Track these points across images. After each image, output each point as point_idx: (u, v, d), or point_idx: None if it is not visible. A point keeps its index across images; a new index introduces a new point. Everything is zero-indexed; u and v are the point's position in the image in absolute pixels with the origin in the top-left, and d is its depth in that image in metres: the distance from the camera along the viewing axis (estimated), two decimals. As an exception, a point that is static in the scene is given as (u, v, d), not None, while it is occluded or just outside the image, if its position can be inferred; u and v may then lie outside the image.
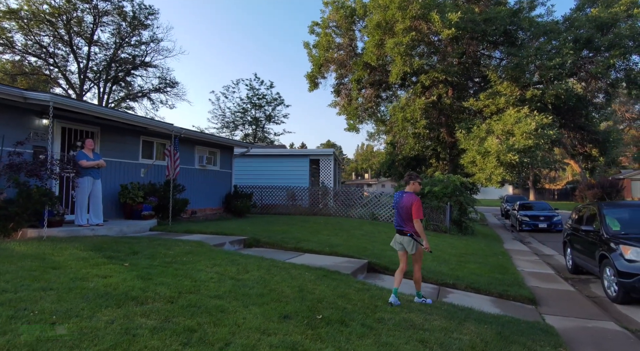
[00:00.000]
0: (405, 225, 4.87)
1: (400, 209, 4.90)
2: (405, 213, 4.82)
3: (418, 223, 4.77)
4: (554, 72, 15.20)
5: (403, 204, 4.84)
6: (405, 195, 4.90)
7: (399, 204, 4.92)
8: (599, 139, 17.43)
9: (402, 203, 4.85)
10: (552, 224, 18.15)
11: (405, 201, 4.83)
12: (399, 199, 4.94)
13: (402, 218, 4.90)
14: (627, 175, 50.49)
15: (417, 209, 4.73)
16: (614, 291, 6.36)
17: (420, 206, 4.79)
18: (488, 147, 14.72)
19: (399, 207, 4.92)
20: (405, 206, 4.81)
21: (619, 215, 7.25)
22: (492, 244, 12.57)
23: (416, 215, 4.73)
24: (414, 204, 4.73)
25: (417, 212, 4.73)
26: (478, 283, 6.50)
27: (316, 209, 15.89)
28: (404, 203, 4.84)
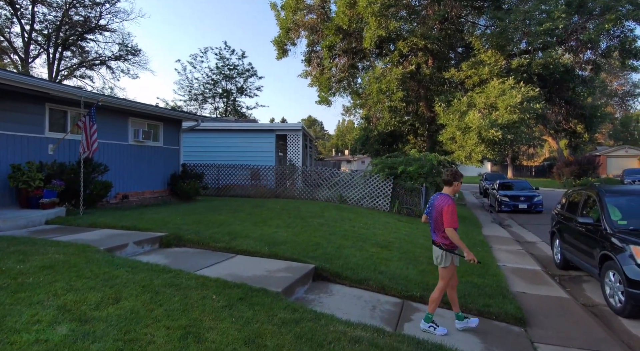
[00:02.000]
0: (436, 233, 4.08)
1: (432, 213, 4.09)
2: (436, 218, 4.01)
3: (451, 232, 3.87)
4: (543, 39, 13.70)
5: (435, 208, 4.04)
6: (440, 197, 4.08)
7: (432, 207, 4.12)
8: (586, 115, 16.28)
9: (434, 206, 4.06)
10: (532, 205, 17.18)
11: (437, 203, 4.02)
12: (433, 202, 4.14)
13: (434, 224, 4.08)
14: (603, 152, 50.85)
15: (449, 216, 3.85)
16: (618, 301, 5.09)
17: (453, 212, 3.90)
18: (469, 122, 13.29)
19: (431, 211, 4.12)
20: (437, 210, 3.99)
21: (624, 204, 5.92)
22: (470, 230, 11.32)
23: (447, 223, 3.86)
24: (444, 209, 3.88)
25: (449, 219, 3.86)
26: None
27: (281, 190, 14.29)
28: (435, 206, 4.04)
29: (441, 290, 4.14)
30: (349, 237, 7.70)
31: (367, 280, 5.24)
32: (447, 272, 4.11)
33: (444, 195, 4.08)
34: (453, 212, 3.89)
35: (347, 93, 22.35)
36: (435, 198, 4.16)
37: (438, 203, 4.02)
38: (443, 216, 3.90)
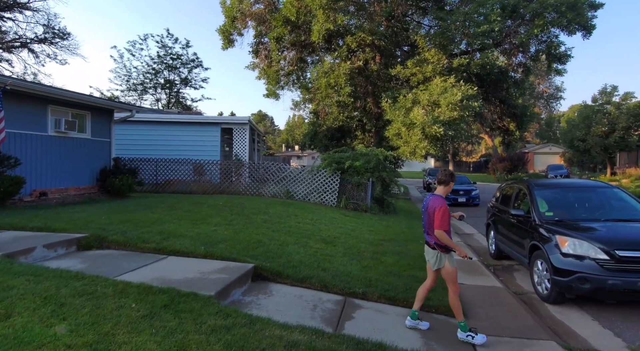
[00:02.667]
0: (429, 234, 4.02)
1: (425, 214, 4.04)
2: (429, 220, 3.96)
3: (440, 234, 3.83)
4: (481, 41, 14.38)
5: (427, 209, 4.00)
6: (432, 198, 4.02)
7: (426, 208, 4.06)
8: (517, 114, 17.43)
9: (427, 207, 4.01)
10: (470, 199, 18.15)
11: (430, 205, 3.97)
12: (426, 203, 4.10)
13: (427, 225, 4.04)
14: (531, 149, 55.43)
15: (440, 218, 3.80)
16: (545, 289, 5.37)
17: (444, 214, 3.84)
18: (413, 118, 13.62)
19: (425, 212, 4.07)
20: (429, 211, 3.94)
21: (552, 196, 6.29)
22: (413, 224, 11.62)
23: (438, 225, 3.82)
24: (436, 210, 3.84)
25: (440, 221, 3.81)
26: (394, 288, 5.06)
27: (226, 186, 13.69)
28: (428, 207, 3.99)
29: (456, 293, 3.97)
30: (294, 233, 7.47)
31: (309, 278, 5.05)
32: (451, 273, 3.97)
33: (437, 196, 4.02)
34: (444, 214, 3.84)
35: (297, 87, 22.06)
36: (428, 199, 4.08)
37: (431, 204, 3.96)
38: (434, 217, 3.84)
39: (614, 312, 4.91)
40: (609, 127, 32.65)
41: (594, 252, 4.74)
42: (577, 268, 4.78)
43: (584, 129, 34.27)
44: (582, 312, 4.97)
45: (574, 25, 14.51)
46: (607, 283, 4.55)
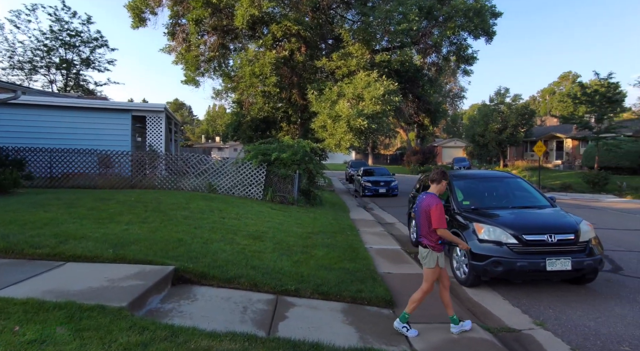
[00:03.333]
0: (423, 235, 3.92)
1: (419, 213, 3.93)
2: (424, 219, 3.86)
3: (443, 232, 3.81)
4: (401, 39, 15.05)
5: (422, 208, 3.89)
6: (426, 197, 3.93)
7: (420, 207, 3.94)
8: (432, 110, 18.73)
9: (421, 206, 3.90)
10: (390, 189, 19.11)
11: (424, 204, 3.88)
12: (420, 202, 3.98)
13: (419, 225, 3.94)
14: (440, 143, 60.62)
15: (438, 216, 3.75)
16: (463, 273, 5.75)
17: (441, 212, 3.79)
18: (339, 111, 13.77)
19: (418, 211, 3.96)
20: (424, 210, 3.85)
21: (467, 186, 6.76)
22: (339, 215, 11.79)
23: (436, 223, 3.76)
24: (432, 209, 3.78)
25: (438, 219, 3.75)
26: (327, 282, 4.96)
27: (139, 180, 12.39)
28: (423, 205, 3.89)
29: (424, 292, 3.96)
30: (218, 230, 6.98)
31: (238, 278, 4.70)
32: (432, 273, 3.92)
33: (431, 195, 3.94)
34: (441, 212, 3.77)
35: (218, 75, 20.91)
36: (421, 198, 3.99)
37: (425, 203, 3.87)
38: (431, 216, 3.78)
39: (520, 291, 5.44)
40: (502, 124, 37.04)
41: (505, 237, 5.17)
42: (491, 252, 5.17)
43: (483, 125, 38.38)
44: (494, 293, 5.41)
45: (479, 30, 15.95)
46: (516, 265, 4.99)
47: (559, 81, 77.61)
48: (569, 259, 4.92)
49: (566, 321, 4.41)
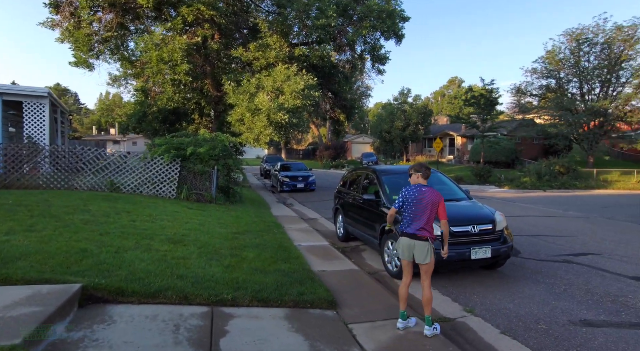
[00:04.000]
0: (425, 227, 3.94)
1: (422, 206, 3.91)
2: (431, 211, 3.90)
3: (446, 223, 4.03)
4: (319, 34, 15.08)
5: (429, 200, 3.90)
6: (428, 191, 3.95)
7: (422, 200, 3.92)
8: (347, 106, 19.26)
9: (426, 199, 3.90)
10: (308, 184, 19.22)
11: (428, 197, 3.90)
12: (419, 194, 3.95)
13: (420, 217, 3.93)
14: (349, 139, 63.26)
15: (445, 208, 3.97)
16: (394, 266, 5.91)
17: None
18: (259, 104, 13.26)
19: (422, 204, 3.92)
20: (433, 202, 3.90)
21: (393, 181, 6.95)
22: (261, 212, 11.38)
23: (445, 215, 3.97)
24: (441, 202, 3.93)
25: (445, 211, 3.97)
26: (266, 287, 4.62)
27: (15, 178, 10.28)
28: (429, 198, 3.90)
29: (430, 285, 4.04)
30: (130, 235, 6.09)
31: (163, 291, 4.09)
32: (431, 266, 4.02)
33: (431, 188, 3.99)
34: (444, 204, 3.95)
35: (116, 58, 18.49)
36: (418, 191, 3.95)
37: (432, 196, 3.90)
38: (441, 208, 3.90)
39: (446, 279, 5.79)
40: (405, 122, 40.20)
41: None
42: (423, 245, 5.38)
43: (389, 123, 41.15)
44: (424, 283, 5.66)
45: (390, 31, 16.82)
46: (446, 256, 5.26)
47: (448, 84, 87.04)
48: (489, 247, 5.38)
49: (490, 306, 4.79)
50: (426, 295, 4.01)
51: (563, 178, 25.84)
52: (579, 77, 30.72)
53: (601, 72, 29.58)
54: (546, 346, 3.80)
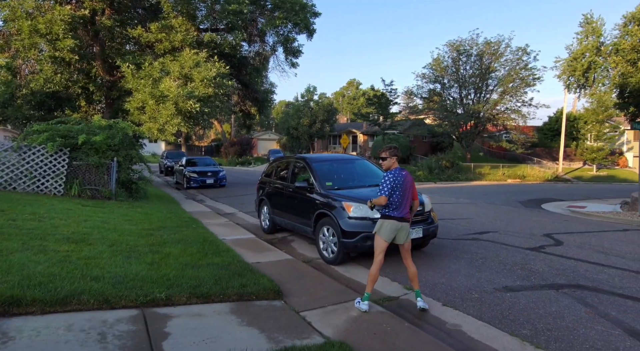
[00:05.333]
0: (405, 209, 4.09)
1: (406, 189, 4.05)
2: (410, 194, 4.12)
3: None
4: (231, 19, 14.31)
5: (408, 183, 4.09)
6: (406, 173, 4.13)
7: (405, 183, 4.04)
8: (259, 98, 18.71)
9: (406, 182, 4.06)
10: (218, 180, 18.21)
11: (408, 179, 4.09)
12: (402, 178, 4.04)
13: (406, 201, 4.09)
14: (255, 135, 62.22)
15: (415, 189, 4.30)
16: (331, 253, 5.85)
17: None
18: (165, 90, 11.99)
19: (405, 187, 4.04)
20: (411, 185, 4.12)
21: (325, 168, 6.89)
22: (172, 209, 10.34)
23: (416, 195, 4.28)
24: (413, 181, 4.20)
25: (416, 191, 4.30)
26: (204, 282, 4.10)
27: None
28: (408, 181, 4.09)
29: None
30: (13, 236, 4.88)
31: (77, 295, 3.32)
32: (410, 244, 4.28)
33: (406, 171, 4.16)
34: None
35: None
36: (399, 175, 4.02)
37: (409, 180, 4.09)
38: (414, 190, 4.18)
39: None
40: (311, 119, 41.05)
41: (372, 213, 5.49)
42: (361, 228, 5.42)
43: (296, 119, 41.54)
44: (361, 267, 5.71)
45: (302, 25, 16.84)
46: (383, 238, 5.38)
47: (347, 86, 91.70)
48: (421, 227, 5.66)
49: (426, 282, 5.03)
50: (412, 270, 4.20)
51: (449, 171, 29.34)
52: (458, 83, 35.16)
53: (475, 80, 34.32)
54: (483, 312, 4.11)
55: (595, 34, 44.08)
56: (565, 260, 6.07)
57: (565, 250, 6.73)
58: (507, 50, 32.83)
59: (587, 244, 7.22)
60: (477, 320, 3.91)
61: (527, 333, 3.63)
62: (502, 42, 32.97)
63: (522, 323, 3.84)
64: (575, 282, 5.02)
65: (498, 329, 3.71)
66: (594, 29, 44.09)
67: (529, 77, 32.46)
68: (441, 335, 3.62)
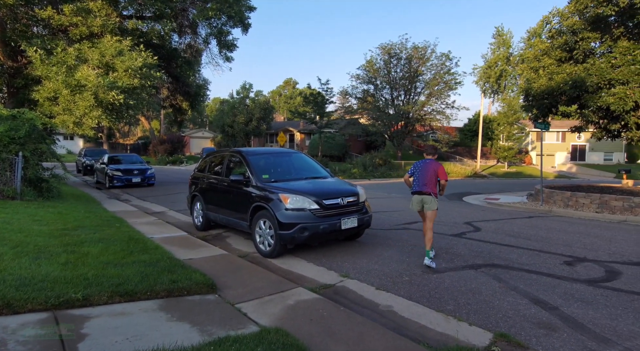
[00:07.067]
0: (429, 186, 5.45)
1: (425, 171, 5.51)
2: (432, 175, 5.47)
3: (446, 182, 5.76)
4: (159, 6, 13.46)
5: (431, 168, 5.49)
6: (429, 161, 5.56)
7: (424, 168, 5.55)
8: (191, 93, 17.83)
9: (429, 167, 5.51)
10: (146, 178, 17.04)
11: (433, 165, 5.51)
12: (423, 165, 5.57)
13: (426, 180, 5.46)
14: (188, 133, 59.34)
15: (445, 173, 5.59)
16: (268, 246, 5.78)
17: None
18: (82, 79, 10.89)
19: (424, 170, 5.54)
20: (433, 169, 5.49)
21: (261, 161, 6.79)
22: (92, 208, 9.44)
23: (446, 176, 5.61)
24: (441, 168, 5.56)
25: (445, 175, 5.61)
26: (127, 281, 3.80)
27: None
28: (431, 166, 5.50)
29: (431, 229, 5.45)
30: None
31: None
32: (435, 213, 5.51)
33: (432, 160, 5.58)
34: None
35: None
36: (424, 162, 5.54)
37: (433, 165, 5.49)
38: (440, 173, 5.46)
39: (318, 253, 5.99)
40: (247, 116, 40.23)
41: (308, 204, 5.54)
42: (298, 220, 5.43)
43: (231, 117, 40.40)
44: (298, 259, 5.72)
45: (236, 18, 16.41)
46: (319, 228, 5.45)
47: (284, 85, 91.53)
48: (356, 217, 5.83)
49: (361, 269, 5.20)
50: (428, 236, 5.40)
51: (382, 168, 30.68)
52: (390, 85, 36.92)
53: (405, 82, 36.31)
54: (412, 293, 4.35)
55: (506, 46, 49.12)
56: (483, 243, 6.67)
57: (482, 235, 7.39)
58: (432, 55, 35.19)
59: (500, 230, 8.01)
60: (407, 300, 4.12)
61: (450, 308, 3.92)
62: (428, 48, 35.28)
63: (446, 300, 4.13)
64: (491, 262, 5.54)
65: (426, 307, 3.95)
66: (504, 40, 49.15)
67: (451, 81, 35.13)
68: (374, 315, 3.76)
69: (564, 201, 11.56)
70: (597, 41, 12.78)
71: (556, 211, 10.98)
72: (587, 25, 12.44)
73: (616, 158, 41.02)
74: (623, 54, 11.64)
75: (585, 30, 12.54)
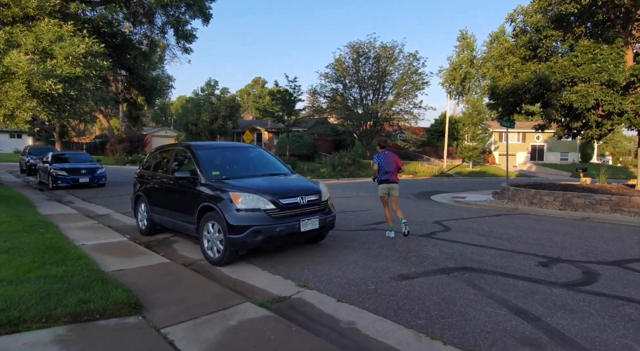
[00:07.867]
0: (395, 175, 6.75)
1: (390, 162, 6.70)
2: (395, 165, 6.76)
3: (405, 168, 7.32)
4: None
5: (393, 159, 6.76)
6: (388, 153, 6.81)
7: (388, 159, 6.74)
8: (147, 86, 16.59)
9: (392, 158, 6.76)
10: (95, 178, 15.67)
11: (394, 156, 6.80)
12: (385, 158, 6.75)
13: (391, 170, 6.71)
14: (149, 132, 56.72)
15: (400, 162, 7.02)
16: (217, 252, 5.04)
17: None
18: (11, 65, 9.61)
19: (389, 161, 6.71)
20: (396, 160, 6.79)
21: (212, 156, 6.02)
22: (20, 211, 8.29)
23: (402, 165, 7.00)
24: (398, 158, 6.87)
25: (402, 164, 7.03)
26: (20, 303, 2.96)
27: None
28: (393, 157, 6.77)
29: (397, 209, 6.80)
30: None
31: None
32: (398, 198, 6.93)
33: (389, 151, 6.79)
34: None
35: None
36: (386, 155, 6.70)
37: (394, 157, 6.73)
38: (399, 163, 6.77)
39: (274, 259, 5.31)
40: (213, 115, 38.79)
41: (263, 204, 4.85)
42: (251, 221, 4.73)
43: (196, 115, 38.80)
44: (252, 266, 5.02)
45: (196, 8, 15.40)
46: (276, 231, 4.78)
47: (252, 84, 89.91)
48: (317, 218, 5.20)
49: (322, 277, 4.57)
50: (394, 216, 6.71)
51: (351, 168, 30.37)
52: (359, 84, 36.76)
53: (374, 81, 36.27)
54: (379, 304, 3.78)
55: (470, 48, 50.39)
56: (453, 244, 6.24)
57: (452, 235, 6.99)
58: (400, 55, 35.36)
59: (470, 229, 7.66)
60: (373, 314, 3.53)
61: (422, 322, 3.37)
62: (396, 48, 35.40)
63: (417, 312, 3.58)
64: (464, 265, 5.08)
65: (393, 322, 3.38)
66: (468, 43, 50.42)
67: (418, 81, 35.43)
68: (333, 335, 3.14)
69: (529, 198, 11.52)
70: (559, 40, 12.90)
71: (522, 209, 10.88)
72: (550, 24, 12.51)
73: (571, 158, 43.04)
74: (584, 52, 11.75)
75: (549, 28, 12.60)
